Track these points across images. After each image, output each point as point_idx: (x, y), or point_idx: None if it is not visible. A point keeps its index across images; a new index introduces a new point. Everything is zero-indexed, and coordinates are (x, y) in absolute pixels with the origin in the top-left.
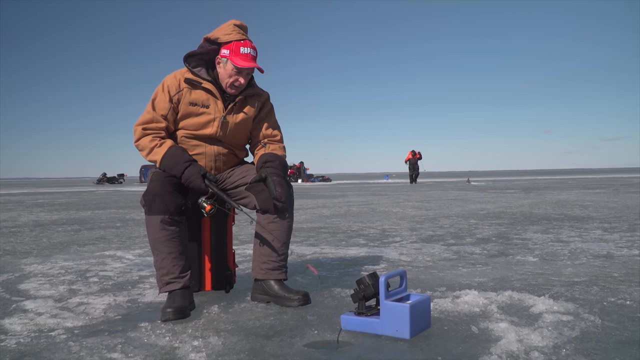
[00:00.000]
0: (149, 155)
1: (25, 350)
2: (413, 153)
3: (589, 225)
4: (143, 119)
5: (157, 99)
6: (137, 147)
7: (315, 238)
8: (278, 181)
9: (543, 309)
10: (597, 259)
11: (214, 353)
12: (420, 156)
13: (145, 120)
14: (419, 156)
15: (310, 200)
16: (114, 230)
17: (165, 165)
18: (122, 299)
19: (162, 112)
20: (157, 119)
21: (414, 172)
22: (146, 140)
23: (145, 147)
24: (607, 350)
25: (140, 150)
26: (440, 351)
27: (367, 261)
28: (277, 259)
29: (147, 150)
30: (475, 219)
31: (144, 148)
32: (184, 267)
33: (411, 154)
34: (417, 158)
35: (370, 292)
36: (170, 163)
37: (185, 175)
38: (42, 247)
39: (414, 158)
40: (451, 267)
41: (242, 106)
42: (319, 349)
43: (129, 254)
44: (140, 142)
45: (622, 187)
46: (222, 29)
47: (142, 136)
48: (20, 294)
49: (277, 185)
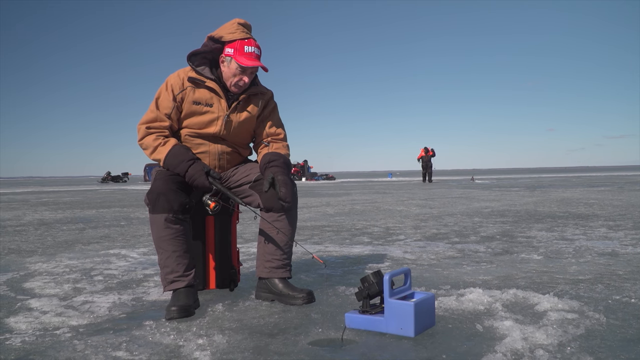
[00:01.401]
0: (152, 154)
1: (30, 348)
2: (426, 150)
3: (594, 223)
4: (147, 117)
5: (161, 97)
6: (140, 146)
7: (319, 236)
8: (283, 180)
9: (548, 307)
10: (602, 257)
11: (219, 351)
12: (433, 153)
13: (149, 119)
14: (432, 153)
15: (314, 199)
16: (119, 228)
17: (169, 163)
18: (127, 298)
19: (166, 110)
20: (161, 117)
21: (427, 170)
22: (150, 139)
23: (149, 146)
24: (612, 348)
25: (144, 149)
26: (445, 349)
27: (371, 259)
28: (281, 257)
29: (150, 149)
30: (479, 217)
31: (148, 147)
32: (188, 265)
33: (424, 151)
34: (430, 155)
35: (375, 290)
36: (173, 161)
37: (189, 173)
38: (46, 246)
39: (426, 155)
40: (455, 265)
41: (245, 105)
42: (324, 347)
43: (134, 253)
44: (144, 141)
45: (627, 185)
46: (226, 27)
47: (145, 135)
48: (25, 293)
49: (282, 185)
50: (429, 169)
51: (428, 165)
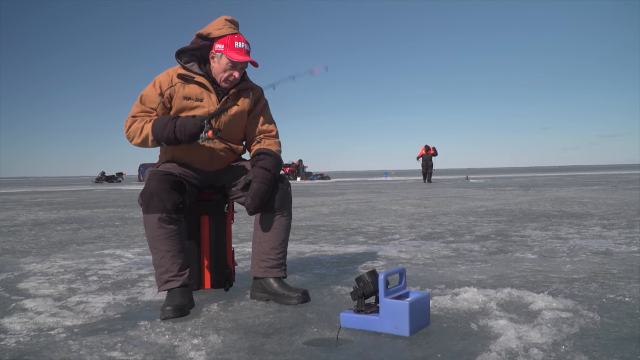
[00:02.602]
0: (140, 135)
1: (24, 349)
2: (427, 148)
3: (588, 222)
4: (132, 112)
5: (146, 93)
6: (128, 137)
7: (314, 236)
8: (256, 190)
9: (542, 306)
10: (596, 256)
11: (214, 351)
12: (434, 152)
13: (133, 113)
14: (433, 152)
15: (309, 198)
16: (113, 229)
17: (157, 132)
18: (122, 298)
19: (152, 105)
20: (147, 110)
21: (427, 169)
22: (134, 125)
23: (135, 130)
24: (606, 346)
25: (132, 139)
26: (440, 348)
27: (366, 259)
28: (276, 257)
29: (137, 133)
30: (474, 216)
31: (135, 131)
32: (182, 265)
33: (424, 149)
34: (430, 154)
35: (370, 290)
36: (160, 126)
37: (177, 128)
38: (41, 246)
39: (427, 154)
40: (450, 265)
41: (235, 99)
42: (319, 347)
43: (128, 253)
44: (130, 129)
45: (621, 184)
46: (214, 24)
47: (131, 124)
48: (19, 293)
49: (252, 194)
50: (430, 169)
51: (429, 165)
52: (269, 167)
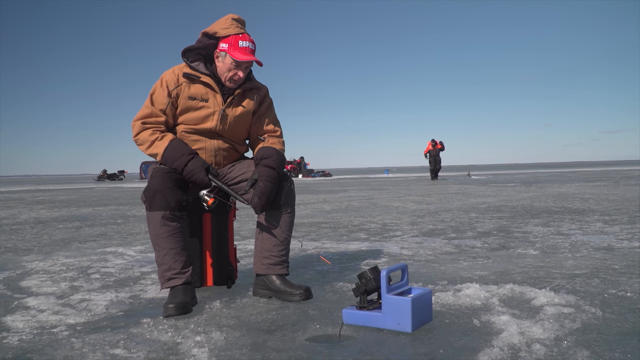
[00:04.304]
0: (149, 148)
1: (27, 347)
2: (433, 143)
3: (590, 218)
4: (141, 113)
5: (156, 93)
6: (136, 142)
7: (316, 233)
8: (262, 189)
9: (544, 302)
10: (598, 252)
11: (217, 348)
12: (442, 147)
13: (144, 114)
14: (441, 147)
15: (311, 196)
16: (115, 226)
17: (168, 157)
18: (124, 295)
19: (161, 106)
20: (156, 113)
21: (435, 165)
22: (146, 134)
23: (145, 141)
24: (608, 341)
25: (139, 145)
26: (442, 344)
27: (369, 255)
28: (278, 254)
29: (147, 144)
30: (476, 212)
31: (144, 142)
32: (185, 262)
33: (431, 144)
34: (438, 149)
35: (372, 286)
36: (173, 155)
37: (188, 168)
38: (43, 244)
39: (434, 149)
40: (452, 261)
41: (241, 99)
42: (321, 344)
43: (131, 250)
44: (140, 136)
45: (623, 180)
46: (220, 23)
47: (141, 130)
48: (22, 291)
49: (259, 193)
50: (438, 164)
51: (437, 161)
52: (273, 165)
